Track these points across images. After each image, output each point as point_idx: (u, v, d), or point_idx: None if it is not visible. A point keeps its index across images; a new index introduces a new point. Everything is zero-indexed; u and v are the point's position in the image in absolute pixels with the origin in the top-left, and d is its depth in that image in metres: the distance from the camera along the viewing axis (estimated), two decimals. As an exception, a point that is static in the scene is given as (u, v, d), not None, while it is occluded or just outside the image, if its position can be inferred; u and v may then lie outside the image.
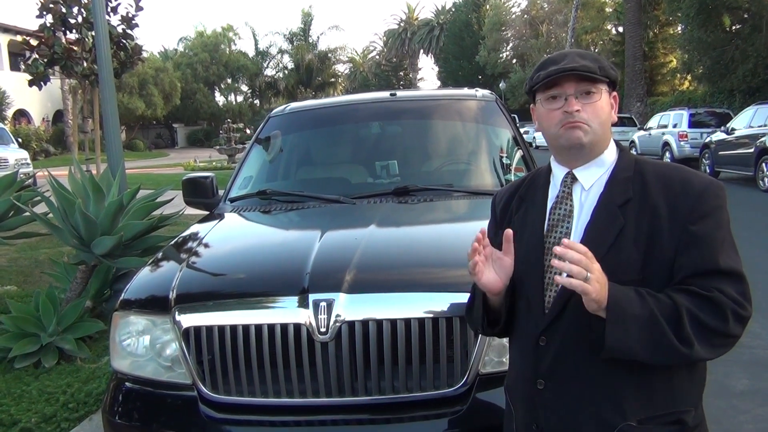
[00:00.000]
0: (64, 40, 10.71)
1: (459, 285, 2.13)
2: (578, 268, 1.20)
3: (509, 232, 1.41)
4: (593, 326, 1.28)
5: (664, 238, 1.31)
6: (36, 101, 33.07)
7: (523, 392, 1.47)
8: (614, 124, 1.45)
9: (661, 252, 1.31)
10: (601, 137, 1.40)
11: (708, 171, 14.47)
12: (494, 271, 1.42)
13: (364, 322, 2.02)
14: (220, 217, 3.19)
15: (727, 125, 14.39)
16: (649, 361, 1.27)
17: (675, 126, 17.69)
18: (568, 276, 1.21)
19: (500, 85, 43.62)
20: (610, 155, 1.43)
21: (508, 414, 1.57)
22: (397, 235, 2.78)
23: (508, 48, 49.99)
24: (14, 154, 17.17)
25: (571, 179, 1.44)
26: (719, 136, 14.36)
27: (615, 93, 1.45)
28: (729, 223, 1.35)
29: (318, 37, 54.96)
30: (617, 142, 1.47)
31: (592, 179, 1.42)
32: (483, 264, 1.40)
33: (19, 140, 22.96)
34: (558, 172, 1.48)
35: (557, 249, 1.22)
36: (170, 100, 42.58)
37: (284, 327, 2.04)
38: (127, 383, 2.31)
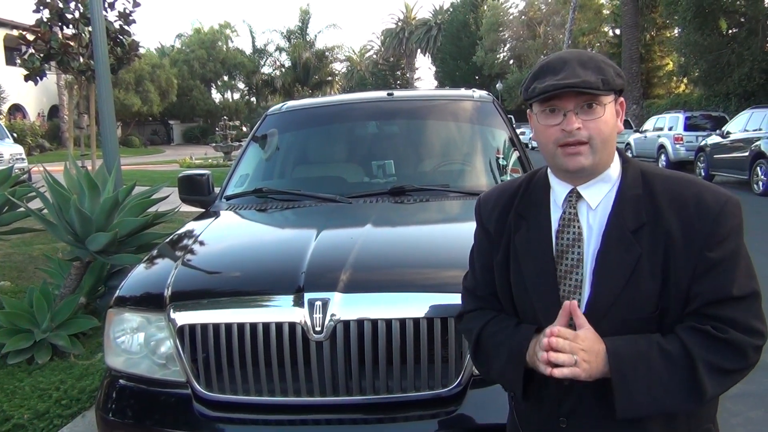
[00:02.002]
0: (60, 36, 10.69)
1: (454, 285, 2.14)
2: (566, 356, 1.18)
3: (574, 304, 1.25)
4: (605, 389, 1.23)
5: (680, 265, 1.23)
6: (32, 96, 32.91)
7: (541, 428, 1.40)
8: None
9: (677, 280, 1.23)
10: (605, 155, 1.29)
11: (703, 174, 14.52)
12: None
13: (359, 322, 2.02)
14: (216, 214, 3.18)
15: (723, 129, 14.46)
16: (660, 414, 1.24)
17: (670, 129, 17.76)
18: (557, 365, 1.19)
19: (497, 85, 43.68)
20: (615, 169, 1.32)
21: None
22: (393, 235, 2.78)
23: (506, 49, 50.06)
24: (9, 149, 17.11)
25: (576, 197, 1.33)
26: (714, 139, 14.42)
27: (621, 99, 1.33)
28: (743, 237, 1.27)
29: (315, 36, 54.97)
30: (620, 151, 1.36)
31: (599, 197, 1.31)
32: None
33: (15, 135, 22.90)
34: (559, 189, 1.36)
35: (547, 341, 1.19)
36: (166, 97, 42.43)
37: (279, 326, 2.04)
38: (121, 380, 2.31)
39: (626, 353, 1.20)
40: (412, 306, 2.05)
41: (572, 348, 1.19)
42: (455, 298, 1.81)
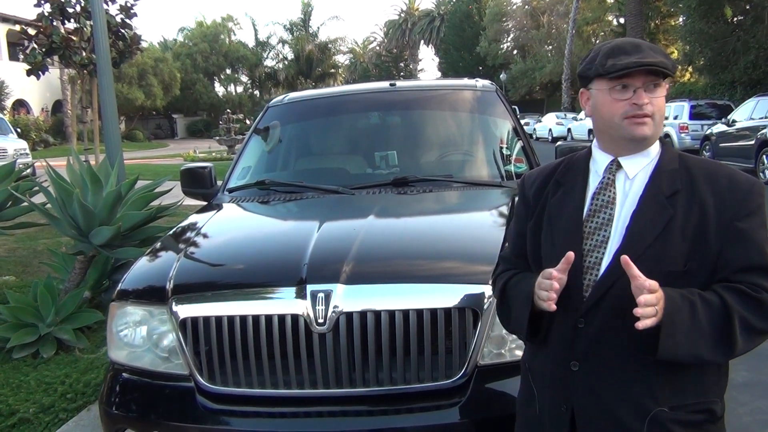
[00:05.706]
0: (62, 30, 10.67)
1: (458, 276, 2.12)
2: (652, 309, 1.23)
3: (571, 255, 1.35)
4: (636, 332, 1.27)
5: (711, 232, 1.34)
6: (35, 91, 32.96)
7: (553, 374, 1.46)
8: None
9: (707, 246, 1.34)
10: (659, 130, 1.42)
11: (708, 163, 14.43)
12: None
13: (362, 314, 2.01)
14: (219, 207, 3.17)
15: (728, 117, 14.35)
16: (692, 363, 1.32)
17: (676, 118, 17.63)
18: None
19: (501, 76, 43.48)
20: (655, 147, 1.45)
21: (528, 398, 1.55)
22: (396, 226, 2.76)
23: (509, 39, 49.80)
24: (13, 144, 17.13)
25: (616, 166, 1.45)
26: (720, 128, 14.32)
27: (667, 84, 1.45)
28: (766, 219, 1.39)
29: (318, 28, 54.86)
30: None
31: (637, 168, 1.43)
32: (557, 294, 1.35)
33: (18, 130, 22.95)
34: (601, 159, 1.48)
35: (642, 299, 1.23)
36: (170, 91, 42.43)
37: (282, 318, 2.03)
38: (124, 374, 2.31)
39: (677, 298, 1.28)
40: (416, 297, 2.04)
41: (657, 301, 1.25)
42: (458, 289, 1.80)
